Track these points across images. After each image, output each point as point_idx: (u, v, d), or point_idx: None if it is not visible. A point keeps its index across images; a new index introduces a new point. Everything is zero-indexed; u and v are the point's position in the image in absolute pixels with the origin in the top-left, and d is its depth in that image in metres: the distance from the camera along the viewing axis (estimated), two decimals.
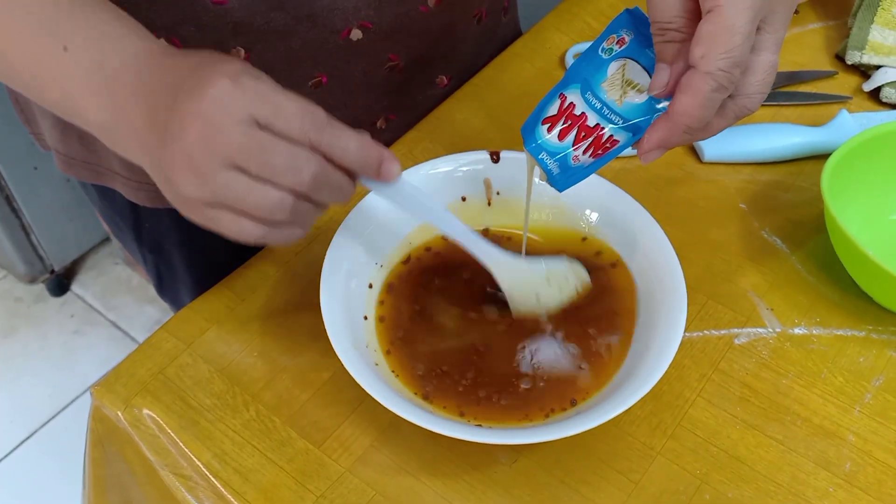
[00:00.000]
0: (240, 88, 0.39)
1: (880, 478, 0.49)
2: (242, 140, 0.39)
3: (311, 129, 0.40)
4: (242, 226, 0.41)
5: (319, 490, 0.48)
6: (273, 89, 0.40)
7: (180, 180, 0.40)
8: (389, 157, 0.44)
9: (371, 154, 0.43)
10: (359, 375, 0.46)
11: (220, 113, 0.39)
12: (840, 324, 0.56)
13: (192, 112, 0.39)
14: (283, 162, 0.40)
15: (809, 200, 0.63)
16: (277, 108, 0.40)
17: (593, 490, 0.48)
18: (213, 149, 0.39)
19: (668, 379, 0.53)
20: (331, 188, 0.42)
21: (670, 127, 0.42)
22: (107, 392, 0.52)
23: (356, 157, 0.42)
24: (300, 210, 0.41)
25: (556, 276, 0.52)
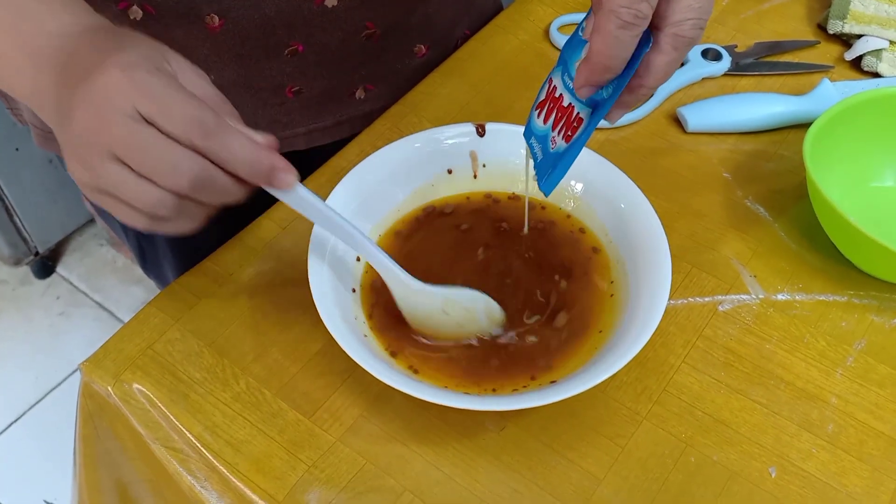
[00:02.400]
0: (128, 80, 0.39)
1: (861, 438, 0.50)
2: (123, 133, 0.38)
3: (196, 132, 0.39)
4: (129, 215, 0.41)
5: (311, 460, 0.48)
6: (165, 85, 0.39)
7: (72, 163, 0.41)
8: (282, 165, 0.42)
9: (261, 162, 0.41)
10: (348, 347, 0.46)
11: (104, 104, 0.39)
12: (822, 289, 0.57)
13: (83, 100, 0.39)
14: (161, 162, 0.39)
15: (792, 169, 0.64)
16: (163, 105, 0.39)
17: (580, 455, 0.49)
18: (96, 139, 0.39)
19: (654, 346, 0.53)
20: (215, 191, 0.41)
21: (590, 68, 0.42)
22: (96, 368, 0.52)
23: (244, 163, 0.41)
24: (185, 208, 0.41)
25: (455, 307, 0.50)
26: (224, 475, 0.48)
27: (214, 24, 0.58)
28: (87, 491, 0.59)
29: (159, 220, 0.41)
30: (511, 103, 0.68)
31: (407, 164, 0.57)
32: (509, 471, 0.48)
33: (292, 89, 0.64)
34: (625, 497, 0.47)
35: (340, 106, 0.68)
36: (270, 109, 0.66)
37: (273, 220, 0.60)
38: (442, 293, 0.49)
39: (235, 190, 0.42)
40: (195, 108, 0.39)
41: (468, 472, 0.48)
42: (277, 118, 0.66)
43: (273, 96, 0.65)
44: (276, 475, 0.47)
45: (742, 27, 0.74)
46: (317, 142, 0.69)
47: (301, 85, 0.65)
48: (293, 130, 0.68)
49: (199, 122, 0.39)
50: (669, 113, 0.68)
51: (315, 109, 0.67)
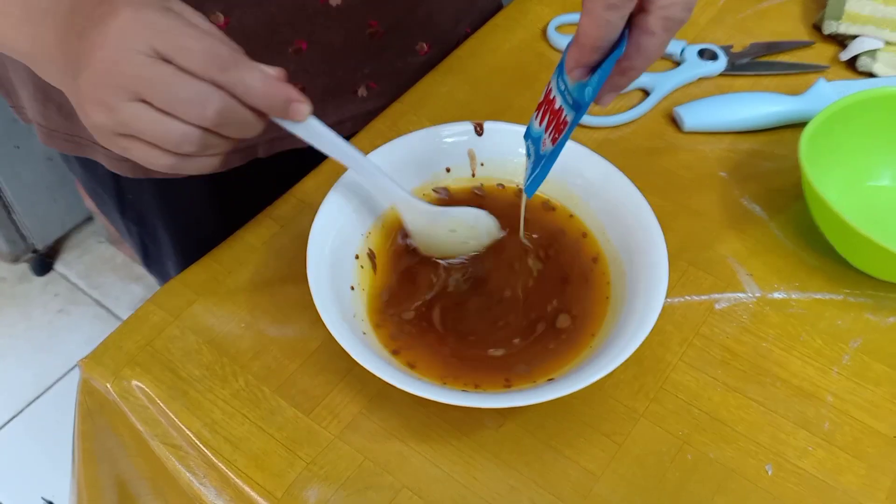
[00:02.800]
0: (142, 20, 0.39)
1: (857, 436, 0.50)
2: (144, 72, 0.39)
3: (214, 67, 0.40)
4: (152, 155, 0.41)
5: (309, 456, 0.48)
6: (179, 23, 0.40)
7: (90, 110, 0.41)
8: (297, 97, 0.44)
9: (277, 94, 0.42)
10: (347, 344, 0.46)
11: (122, 44, 0.39)
12: (818, 288, 0.57)
13: (97, 43, 0.39)
14: (185, 97, 0.40)
15: (788, 168, 0.64)
16: (180, 42, 0.39)
17: (578, 452, 0.49)
18: (117, 81, 0.39)
19: (651, 344, 0.54)
20: (237, 124, 0.42)
21: (579, 49, 0.43)
22: (95, 365, 0.52)
23: (261, 96, 0.42)
24: (208, 143, 0.42)
25: (461, 225, 0.53)
26: (223, 472, 0.48)
27: (219, 23, 0.58)
28: (86, 488, 0.59)
29: (183, 158, 0.42)
30: (510, 102, 0.68)
31: (405, 162, 0.57)
32: (507, 468, 0.48)
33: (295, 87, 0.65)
34: (622, 494, 0.48)
35: (343, 104, 0.68)
36: None
37: (272, 219, 0.60)
38: (447, 212, 0.53)
39: (255, 122, 0.43)
40: (210, 43, 0.40)
41: (466, 470, 0.48)
42: None
43: None
44: (275, 472, 0.48)
45: (738, 27, 0.75)
46: None
47: (304, 83, 0.65)
48: None
49: (216, 55, 0.40)
50: (666, 112, 0.68)
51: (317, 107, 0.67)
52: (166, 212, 0.72)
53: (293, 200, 0.61)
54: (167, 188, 0.69)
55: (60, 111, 0.65)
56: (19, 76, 0.65)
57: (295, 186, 0.62)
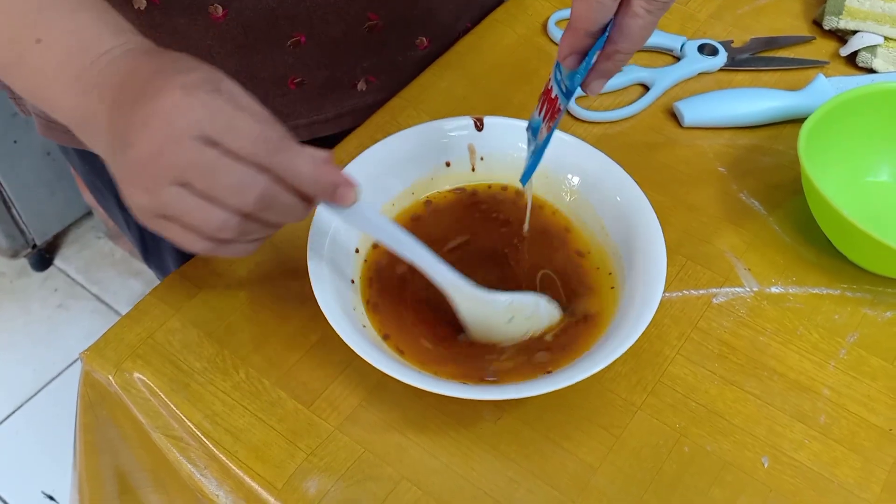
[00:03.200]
0: (193, 102, 0.38)
1: (854, 429, 0.51)
2: (190, 156, 0.38)
3: (263, 150, 0.39)
4: (189, 239, 0.41)
5: (310, 448, 0.49)
6: (229, 105, 0.39)
7: (131, 189, 0.41)
8: (345, 182, 0.43)
9: (325, 178, 0.42)
10: (347, 337, 0.47)
11: (169, 127, 0.38)
12: (816, 282, 0.57)
13: (145, 123, 0.39)
14: (228, 182, 0.39)
15: (787, 164, 0.64)
16: (230, 125, 0.39)
17: (576, 444, 0.49)
18: (160, 163, 0.39)
19: (649, 337, 0.54)
20: (280, 210, 0.41)
21: (572, 33, 0.43)
22: (97, 357, 0.52)
23: (309, 180, 0.41)
24: (247, 229, 0.41)
25: (521, 312, 0.50)
26: (224, 463, 0.48)
27: (218, 15, 0.58)
28: (87, 479, 0.60)
29: (221, 244, 0.41)
30: (509, 97, 0.68)
31: (405, 157, 0.57)
32: (505, 460, 0.48)
33: (294, 80, 0.65)
34: (619, 486, 0.48)
35: (342, 98, 0.68)
36: (273, 101, 0.66)
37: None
38: (508, 300, 0.50)
39: (299, 208, 0.42)
40: (261, 126, 0.39)
41: (465, 461, 0.48)
42: (279, 109, 0.67)
43: (275, 87, 0.65)
44: (276, 463, 0.48)
45: (738, 23, 0.75)
46: (319, 133, 0.70)
47: (303, 76, 0.65)
48: (295, 122, 0.68)
49: (266, 139, 0.39)
50: (666, 107, 0.68)
51: (317, 101, 0.68)
52: None
53: None
54: None
55: None
56: None
57: None
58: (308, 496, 0.47)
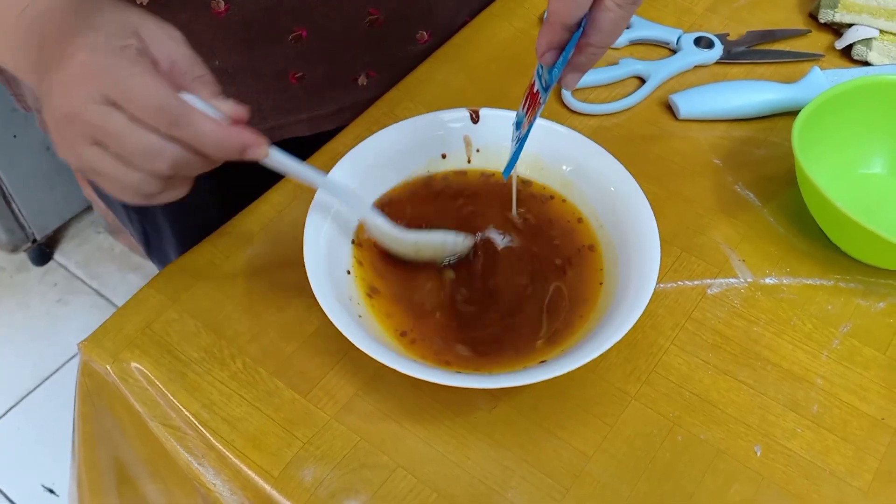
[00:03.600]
0: (92, 67, 0.39)
1: (846, 418, 0.51)
2: (97, 120, 0.39)
3: (163, 121, 0.40)
4: (119, 192, 0.43)
5: (306, 437, 0.49)
6: (130, 72, 0.39)
7: (56, 144, 0.42)
8: (253, 141, 0.43)
9: (230, 141, 0.42)
10: (343, 326, 0.47)
11: (74, 91, 0.40)
12: (809, 273, 0.58)
13: (53, 88, 0.40)
14: (137, 148, 0.40)
15: (781, 156, 0.65)
16: (128, 93, 0.39)
17: (570, 433, 0.50)
18: (74, 126, 0.40)
19: (643, 328, 0.54)
20: (192, 168, 0.42)
21: (550, 28, 0.44)
22: (95, 347, 0.53)
23: (214, 145, 0.42)
24: (169, 183, 0.42)
25: (426, 247, 0.54)
26: (221, 452, 0.49)
27: (220, 9, 0.59)
28: (86, 469, 0.60)
29: (149, 196, 0.43)
30: (505, 89, 0.68)
31: (401, 149, 0.58)
32: (500, 448, 0.49)
33: (295, 75, 0.65)
34: (613, 474, 0.48)
35: (343, 92, 0.69)
36: (274, 95, 0.66)
37: (270, 205, 0.60)
38: (413, 236, 0.53)
39: (211, 164, 0.43)
40: (158, 97, 0.40)
41: (460, 450, 0.49)
42: (280, 104, 0.67)
43: (276, 82, 0.66)
44: (272, 451, 0.48)
45: (734, 16, 0.75)
46: (319, 128, 0.70)
47: (304, 71, 0.65)
48: (296, 116, 0.68)
49: (164, 110, 0.40)
50: (661, 100, 0.68)
51: (318, 96, 0.68)
52: None
53: (290, 187, 0.61)
54: None
55: None
56: None
57: None
58: (304, 484, 0.47)
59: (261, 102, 0.67)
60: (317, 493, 0.47)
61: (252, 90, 0.66)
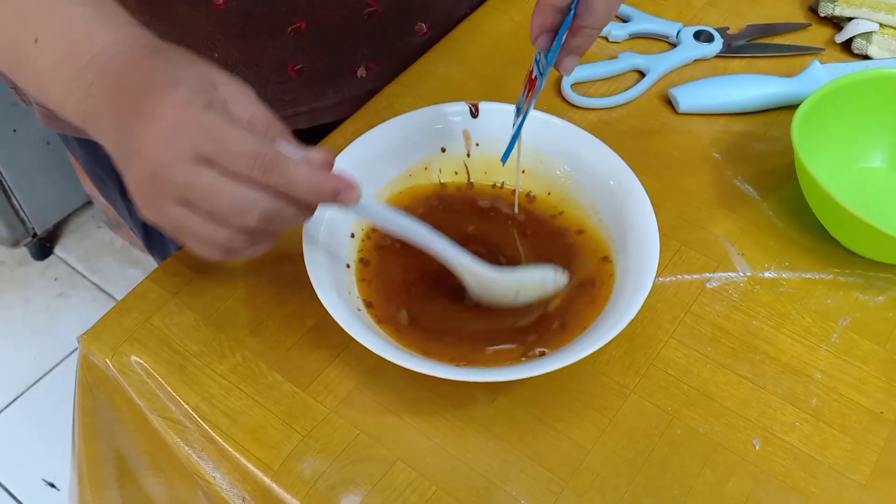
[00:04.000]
0: (185, 124, 0.38)
1: (844, 412, 0.51)
2: (187, 180, 0.39)
3: (259, 168, 0.39)
4: (205, 249, 0.42)
5: (305, 430, 0.49)
6: (221, 122, 0.39)
7: (140, 204, 0.41)
8: (345, 185, 0.43)
9: (325, 187, 0.42)
10: (343, 320, 0.47)
11: (165, 150, 0.38)
12: (808, 267, 0.58)
13: (141, 147, 0.39)
14: (229, 204, 0.39)
15: (781, 150, 0.65)
16: (222, 145, 0.39)
17: (569, 426, 0.50)
18: (161, 186, 0.39)
19: (642, 321, 0.54)
20: (285, 220, 0.42)
21: (541, 11, 0.44)
22: (95, 340, 0.53)
23: (309, 192, 0.41)
24: (255, 240, 0.42)
25: (527, 288, 0.51)
26: (220, 445, 0.49)
27: (219, 2, 0.58)
28: (86, 462, 0.60)
29: (234, 251, 0.42)
30: (505, 83, 0.68)
31: (401, 143, 0.58)
32: (499, 441, 0.49)
33: (295, 67, 0.65)
34: (612, 467, 0.48)
35: (342, 84, 0.69)
36: (273, 88, 0.66)
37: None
38: (514, 278, 0.50)
39: (303, 215, 0.42)
40: (253, 144, 0.39)
41: (459, 443, 0.49)
42: (280, 97, 0.67)
43: (276, 75, 0.66)
44: (272, 444, 0.49)
45: (734, 9, 0.75)
46: (319, 120, 0.70)
47: (304, 63, 0.65)
48: (296, 109, 0.68)
49: (259, 156, 0.39)
50: (661, 94, 0.68)
51: (317, 88, 0.68)
52: None
53: None
54: None
55: None
56: None
57: None
58: (304, 477, 0.47)
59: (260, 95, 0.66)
60: (316, 486, 0.47)
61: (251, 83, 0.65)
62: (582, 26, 0.44)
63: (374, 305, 0.52)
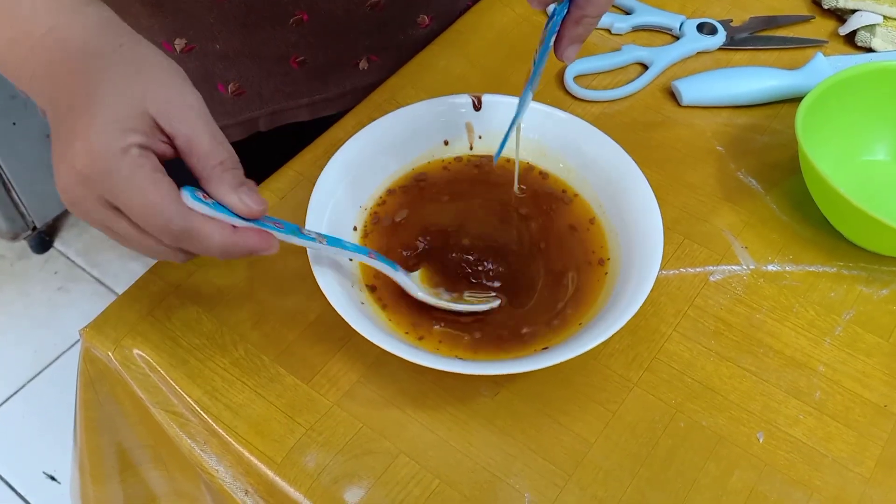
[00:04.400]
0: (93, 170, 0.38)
1: (848, 405, 0.51)
2: (102, 219, 0.40)
3: (166, 236, 0.40)
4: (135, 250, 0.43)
5: (308, 423, 0.49)
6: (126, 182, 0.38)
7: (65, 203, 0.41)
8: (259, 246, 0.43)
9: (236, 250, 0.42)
10: (346, 313, 0.47)
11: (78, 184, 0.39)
12: (812, 260, 0.58)
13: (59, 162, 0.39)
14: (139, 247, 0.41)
15: (785, 143, 0.64)
16: (128, 208, 0.39)
17: (572, 420, 0.50)
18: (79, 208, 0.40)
19: (645, 315, 0.54)
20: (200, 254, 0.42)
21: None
22: (97, 333, 0.53)
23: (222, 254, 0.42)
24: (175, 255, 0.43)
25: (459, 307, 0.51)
26: (223, 438, 0.49)
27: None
28: (88, 456, 0.60)
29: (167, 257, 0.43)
30: (507, 76, 0.68)
31: (403, 135, 0.57)
32: (502, 434, 0.49)
33: (297, 59, 0.65)
34: (615, 460, 0.48)
35: (344, 77, 0.68)
36: (275, 80, 0.66)
37: (271, 191, 0.60)
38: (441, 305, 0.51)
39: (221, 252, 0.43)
40: (160, 216, 0.39)
41: (462, 436, 0.49)
42: (282, 88, 0.67)
43: (278, 66, 0.65)
44: (275, 438, 0.48)
45: (737, 2, 0.75)
46: (320, 112, 0.70)
47: (305, 55, 0.65)
48: (297, 101, 0.68)
49: (166, 229, 0.39)
50: (664, 87, 0.68)
51: (319, 80, 0.68)
52: None
53: (291, 173, 0.61)
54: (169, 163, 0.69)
55: None
56: None
57: (293, 159, 0.62)
58: (307, 470, 0.47)
59: (262, 87, 0.66)
60: (320, 479, 0.47)
61: (253, 74, 0.65)
62: (583, 15, 0.44)
63: (377, 289, 0.52)
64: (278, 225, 0.45)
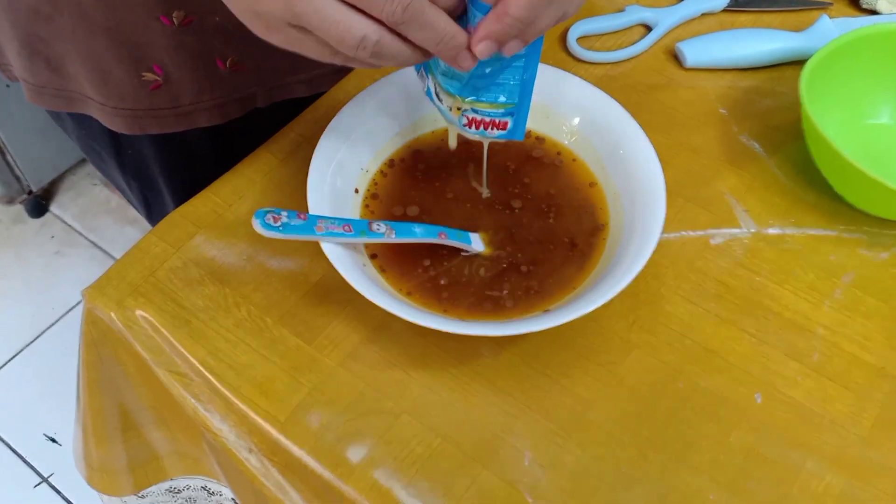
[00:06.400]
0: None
1: (846, 367, 0.51)
2: (289, 45, 0.38)
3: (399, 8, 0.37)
4: (323, 53, 0.40)
5: (312, 383, 0.49)
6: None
7: (247, 25, 0.40)
8: (464, 44, 0.40)
9: (448, 46, 0.39)
10: (348, 274, 0.47)
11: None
12: (813, 224, 0.58)
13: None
14: (344, 37, 0.37)
15: (788, 106, 0.64)
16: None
17: (573, 381, 0.50)
18: (264, 23, 0.38)
19: (646, 277, 0.54)
20: (391, 61, 0.39)
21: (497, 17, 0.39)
22: (99, 294, 0.53)
23: (437, 45, 0.39)
24: (384, 52, 0.39)
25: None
26: (227, 398, 0.49)
27: None
28: (91, 417, 0.61)
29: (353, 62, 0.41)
30: None
31: (404, 96, 0.57)
32: (504, 395, 0.49)
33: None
34: (615, 420, 0.49)
35: None
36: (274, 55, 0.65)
37: (271, 152, 0.60)
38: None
39: (413, 60, 0.40)
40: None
41: (464, 397, 0.49)
42: (280, 65, 0.66)
43: None
44: (279, 397, 0.49)
45: None
46: (318, 88, 0.69)
47: None
48: (296, 76, 0.67)
49: None
50: (668, 48, 0.68)
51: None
52: (167, 164, 0.70)
53: (292, 135, 0.61)
54: (167, 140, 0.68)
55: (49, 65, 0.63)
56: (4, 32, 0.63)
57: (293, 121, 0.62)
58: (311, 429, 0.48)
59: (260, 62, 0.65)
60: (323, 438, 0.47)
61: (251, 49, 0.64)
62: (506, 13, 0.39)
63: (378, 256, 0.52)
64: (347, 228, 0.46)
